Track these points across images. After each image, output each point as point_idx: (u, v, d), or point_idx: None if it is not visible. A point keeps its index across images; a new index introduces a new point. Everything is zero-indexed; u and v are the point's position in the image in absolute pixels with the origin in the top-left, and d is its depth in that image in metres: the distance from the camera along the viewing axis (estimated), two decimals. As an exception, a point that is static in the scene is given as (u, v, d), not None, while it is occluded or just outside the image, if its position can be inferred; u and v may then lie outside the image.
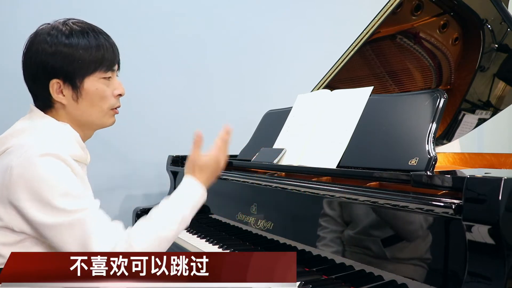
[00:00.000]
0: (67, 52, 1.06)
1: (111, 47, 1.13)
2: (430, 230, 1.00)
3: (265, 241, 1.48)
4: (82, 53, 1.07)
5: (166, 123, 2.58)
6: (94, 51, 1.08)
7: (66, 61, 1.06)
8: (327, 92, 1.65)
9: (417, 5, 1.84)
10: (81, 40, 1.08)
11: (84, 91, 1.09)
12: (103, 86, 1.11)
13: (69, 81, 1.07)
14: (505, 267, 0.86)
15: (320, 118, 1.59)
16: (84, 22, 1.13)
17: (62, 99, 1.08)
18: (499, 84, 2.00)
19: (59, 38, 1.06)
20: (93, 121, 1.14)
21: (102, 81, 1.11)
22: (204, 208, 1.95)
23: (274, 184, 1.49)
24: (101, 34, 1.12)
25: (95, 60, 1.09)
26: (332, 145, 1.45)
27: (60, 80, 1.07)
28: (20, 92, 1.73)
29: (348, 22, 2.94)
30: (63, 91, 1.08)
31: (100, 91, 1.11)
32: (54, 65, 1.06)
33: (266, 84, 2.86)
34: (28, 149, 0.97)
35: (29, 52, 1.08)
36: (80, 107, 1.10)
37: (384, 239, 1.10)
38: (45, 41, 1.06)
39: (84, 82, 1.09)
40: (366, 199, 1.15)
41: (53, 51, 1.05)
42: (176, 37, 2.61)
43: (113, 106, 1.15)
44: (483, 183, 0.91)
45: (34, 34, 1.10)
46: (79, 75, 1.08)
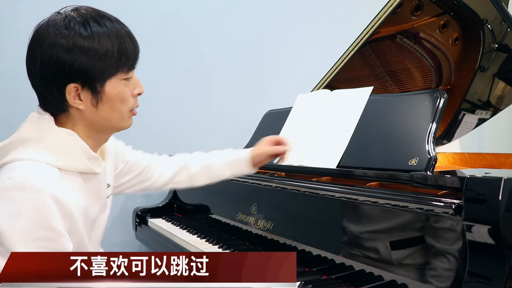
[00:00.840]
0: (87, 50, 0.93)
1: (131, 40, 0.99)
2: (430, 230, 1.00)
3: (265, 241, 1.48)
4: (104, 53, 0.94)
5: (166, 123, 2.58)
6: (116, 50, 0.95)
7: (86, 60, 0.93)
8: (327, 92, 1.65)
9: (417, 5, 1.84)
10: (102, 34, 0.94)
11: (105, 95, 0.97)
12: (124, 88, 0.99)
13: (88, 85, 0.95)
14: (505, 267, 0.86)
15: (320, 118, 1.59)
16: (96, 9, 0.99)
17: (79, 105, 0.96)
18: (499, 84, 2.00)
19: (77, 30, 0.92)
20: (112, 126, 1.02)
21: (123, 82, 0.99)
22: (204, 208, 1.96)
23: (274, 184, 1.49)
24: (117, 23, 0.98)
25: (118, 59, 0.96)
26: (332, 145, 1.45)
27: (78, 84, 0.94)
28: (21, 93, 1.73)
29: (348, 22, 2.94)
30: (81, 95, 0.95)
31: (121, 94, 0.99)
32: (72, 68, 0.92)
33: (266, 84, 2.86)
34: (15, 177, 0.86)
35: (38, 49, 0.94)
36: (99, 112, 0.98)
37: (384, 239, 1.10)
38: (61, 34, 0.92)
39: (105, 86, 0.96)
40: (366, 199, 1.15)
41: (71, 46, 0.92)
42: (175, 37, 2.61)
43: (133, 107, 1.03)
44: (483, 183, 0.91)
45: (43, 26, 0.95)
46: (100, 78, 0.95)
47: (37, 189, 0.86)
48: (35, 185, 0.86)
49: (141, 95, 1.05)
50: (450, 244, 0.96)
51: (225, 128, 2.71)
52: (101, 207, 1.11)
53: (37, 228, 0.86)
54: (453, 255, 0.95)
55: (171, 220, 2.02)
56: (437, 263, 0.98)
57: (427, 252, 1.00)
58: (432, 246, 0.99)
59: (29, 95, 1.07)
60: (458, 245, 0.93)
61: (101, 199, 1.09)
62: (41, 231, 0.86)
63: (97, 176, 1.05)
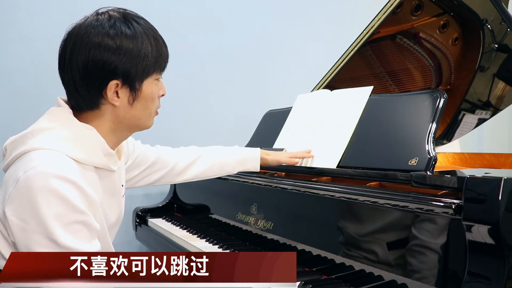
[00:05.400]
0: (132, 50, 0.96)
1: (164, 42, 1.04)
2: (430, 230, 1.00)
3: (265, 241, 1.48)
4: (146, 53, 0.98)
5: (165, 123, 2.57)
6: (154, 48, 1.00)
7: (130, 60, 0.96)
8: (327, 92, 1.65)
9: (417, 5, 1.84)
10: (144, 36, 0.98)
11: (141, 94, 1.00)
12: (155, 88, 1.03)
13: (128, 83, 0.98)
14: (505, 267, 0.86)
15: (320, 118, 1.59)
16: (131, 12, 1.02)
17: (116, 101, 0.98)
18: (499, 84, 2.00)
19: (123, 31, 0.96)
20: (138, 125, 1.05)
21: (155, 82, 1.03)
22: (204, 208, 1.96)
23: (274, 184, 1.49)
24: (150, 26, 1.02)
25: (156, 60, 1.00)
26: (332, 145, 1.45)
27: (119, 81, 0.97)
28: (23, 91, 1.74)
29: (348, 22, 2.94)
30: (119, 92, 0.98)
31: (154, 93, 1.03)
32: (117, 64, 0.95)
33: (266, 84, 2.86)
34: (36, 166, 0.87)
35: (82, 46, 0.95)
36: (132, 110, 1.01)
37: (384, 239, 1.10)
38: (107, 34, 0.95)
39: (143, 84, 1.00)
40: (366, 199, 1.15)
41: (117, 47, 0.95)
42: (175, 37, 2.60)
43: (158, 107, 1.07)
44: (483, 183, 0.91)
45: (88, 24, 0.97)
46: (140, 76, 0.99)
47: (59, 176, 0.87)
48: (57, 172, 0.87)
49: (164, 96, 1.08)
50: (450, 244, 0.96)
51: (225, 128, 2.71)
52: (118, 209, 1.11)
53: (69, 213, 0.87)
54: (453, 255, 0.95)
55: (171, 220, 2.02)
56: (437, 263, 0.98)
57: (427, 252, 1.00)
58: (432, 246, 0.99)
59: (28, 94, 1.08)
60: (458, 245, 0.93)
61: (116, 198, 1.10)
62: (73, 215, 0.88)
63: (112, 174, 1.06)
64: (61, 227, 0.86)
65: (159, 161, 1.39)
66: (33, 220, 0.86)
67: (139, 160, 1.33)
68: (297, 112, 1.74)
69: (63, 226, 0.87)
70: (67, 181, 0.88)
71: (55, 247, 0.86)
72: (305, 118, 1.67)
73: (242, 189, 1.67)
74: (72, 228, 0.88)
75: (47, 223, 0.85)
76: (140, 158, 1.34)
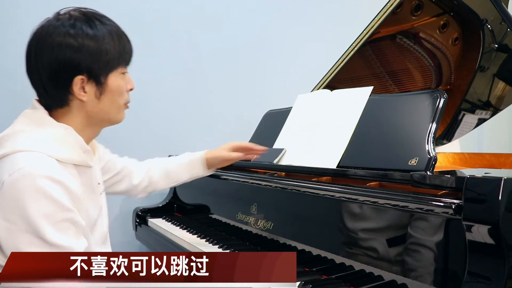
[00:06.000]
0: (94, 46, 0.99)
1: (127, 38, 1.08)
2: (430, 230, 1.00)
3: (265, 241, 1.48)
4: (108, 47, 1.01)
5: (166, 123, 2.58)
6: (117, 43, 1.03)
7: (93, 56, 0.99)
8: (327, 92, 1.65)
9: (417, 5, 1.84)
10: (105, 31, 1.02)
11: (107, 87, 1.04)
12: (122, 82, 1.07)
13: (93, 78, 1.01)
14: (505, 267, 0.86)
15: (320, 118, 1.59)
16: (93, 10, 1.06)
17: (83, 97, 1.02)
18: (499, 84, 2.00)
19: (84, 30, 0.99)
20: (109, 118, 1.09)
21: (121, 76, 1.07)
22: (204, 208, 1.96)
23: (274, 184, 1.49)
24: (114, 23, 1.07)
25: (119, 54, 1.04)
26: (332, 145, 1.45)
27: (84, 76, 1.00)
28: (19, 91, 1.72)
29: (348, 22, 2.94)
30: (85, 87, 1.01)
31: (120, 87, 1.07)
32: (80, 61, 0.98)
33: (266, 84, 2.86)
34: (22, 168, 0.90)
35: (45, 46, 0.99)
36: (100, 104, 1.04)
37: (384, 239, 1.10)
38: (68, 34, 0.98)
39: (109, 78, 1.04)
40: (366, 199, 1.15)
41: (79, 45, 0.98)
42: (175, 37, 2.61)
43: (127, 101, 1.11)
44: (483, 183, 0.91)
45: (49, 25, 1.00)
46: (104, 71, 1.02)
47: (45, 176, 0.90)
48: (43, 173, 0.90)
49: (133, 90, 1.13)
50: (450, 244, 0.96)
51: (225, 128, 2.71)
52: (98, 206, 1.14)
53: (57, 212, 0.90)
54: (453, 255, 0.95)
55: (171, 220, 2.02)
56: (437, 263, 0.98)
57: (427, 252, 1.00)
58: (431, 246, 0.99)
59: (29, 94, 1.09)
60: (458, 245, 0.93)
61: (95, 194, 1.13)
62: (61, 213, 0.91)
63: (89, 170, 1.10)
64: (50, 225, 0.89)
65: (125, 170, 1.45)
66: (22, 220, 0.88)
67: (108, 166, 1.37)
68: (297, 112, 1.74)
69: (52, 225, 0.89)
70: (53, 180, 0.91)
71: (44, 245, 0.88)
72: (305, 118, 1.67)
73: (242, 189, 1.67)
74: (61, 226, 0.91)
75: (36, 222, 0.88)
76: (109, 164, 1.38)
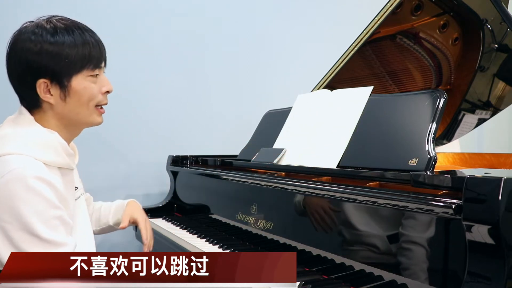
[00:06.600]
0: (53, 51, 1.04)
1: (97, 44, 1.11)
2: (430, 230, 1.00)
3: (265, 241, 1.48)
4: (69, 51, 1.05)
5: (166, 123, 2.58)
6: (80, 49, 1.07)
7: (52, 60, 1.04)
8: (327, 92, 1.65)
9: (417, 5, 1.84)
10: (67, 37, 1.06)
11: (72, 90, 1.08)
12: (90, 84, 1.11)
13: (56, 81, 1.06)
14: (505, 267, 0.86)
15: (320, 118, 1.59)
16: (69, 19, 1.12)
17: (49, 99, 1.07)
18: (499, 84, 2.00)
19: (44, 36, 1.04)
20: (80, 120, 1.13)
21: (89, 79, 1.10)
22: (204, 208, 1.96)
23: (274, 184, 1.49)
24: (86, 31, 1.11)
25: (82, 58, 1.08)
26: (332, 145, 1.45)
27: (47, 79, 1.06)
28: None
29: (348, 22, 2.94)
30: (51, 90, 1.07)
31: (88, 89, 1.10)
32: (40, 64, 1.04)
33: (266, 84, 2.86)
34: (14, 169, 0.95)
35: (13, 52, 1.06)
36: (67, 106, 1.09)
37: (384, 239, 1.10)
38: (29, 39, 1.04)
39: (72, 81, 1.08)
40: (366, 199, 1.15)
41: (38, 50, 1.04)
42: (175, 38, 2.61)
43: (100, 102, 1.14)
44: (483, 183, 0.91)
45: (18, 32, 1.07)
46: (66, 74, 1.07)
47: (36, 176, 0.96)
48: (34, 174, 0.96)
49: (110, 93, 1.16)
50: (450, 244, 0.96)
51: (225, 128, 2.71)
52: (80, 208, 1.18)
53: (47, 209, 0.96)
54: (453, 255, 0.95)
55: (171, 220, 2.02)
56: (437, 263, 0.98)
57: (427, 252, 1.00)
58: (431, 246, 0.99)
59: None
60: (458, 245, 0.93)
61: (73, 196, 1.16)
62: (51, 210, 0.97)
63: (71, 172, 1.14)
64: (41, 222, 0.95)
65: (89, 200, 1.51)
66: (14, 219, 0.93)
67: None
68: (297, 112, 1.74)
69: (43, 222, 0.95)
70: (43, 180, 0.97)
71: (39, 242, 0.93)
72: (305, 118, 1.67)
73: (242, 189, 1.67)
74: (51, 224, 0.97)
75: (28, 220, 0.93)
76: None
